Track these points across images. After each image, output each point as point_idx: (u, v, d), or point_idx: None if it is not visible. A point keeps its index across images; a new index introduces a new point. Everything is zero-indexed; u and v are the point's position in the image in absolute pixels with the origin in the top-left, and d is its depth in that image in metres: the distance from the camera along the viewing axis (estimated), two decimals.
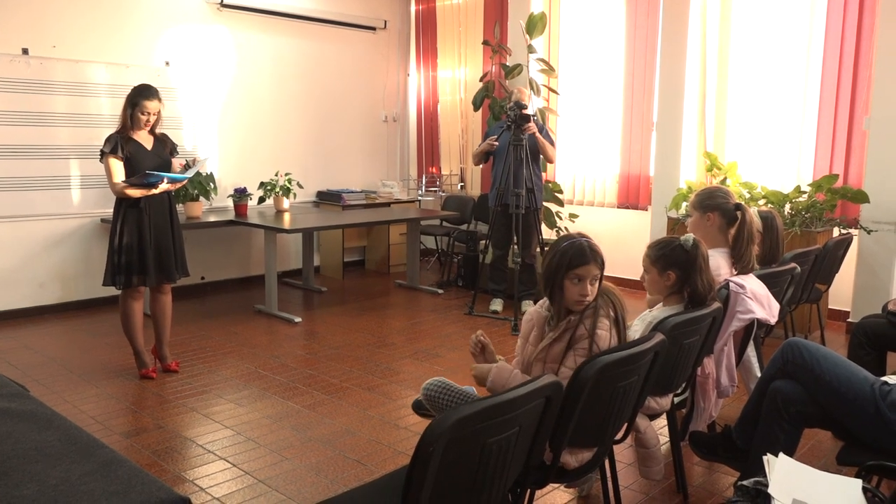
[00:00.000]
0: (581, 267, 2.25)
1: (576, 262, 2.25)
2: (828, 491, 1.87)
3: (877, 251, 5.22)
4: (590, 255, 2.27)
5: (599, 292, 2.30)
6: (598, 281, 2.30)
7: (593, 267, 2.26)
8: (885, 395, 2.26)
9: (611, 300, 2.31)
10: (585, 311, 2.27)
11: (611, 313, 2.29)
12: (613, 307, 2.30)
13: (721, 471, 3.09)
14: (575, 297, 2.25)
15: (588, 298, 2.26)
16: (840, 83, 5.49)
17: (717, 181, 5.72)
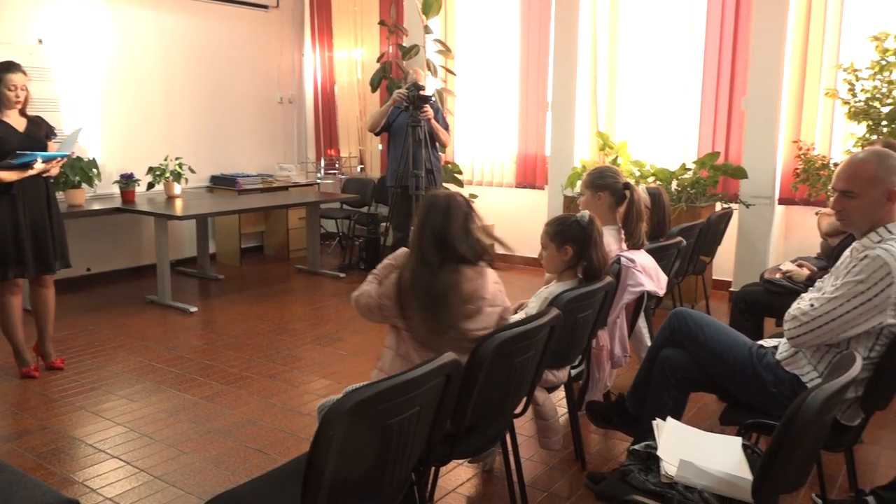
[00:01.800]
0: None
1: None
2: (712, 449, 1.99)
3: (755, 224, 5.57)
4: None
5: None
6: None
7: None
8: (762, 358, 2.42)
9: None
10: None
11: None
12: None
13: (616, 437, 3.23)
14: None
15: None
16: (720, 66, 5.78)
17: (609, 160, 5.92)
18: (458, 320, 2.21)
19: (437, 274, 2.17)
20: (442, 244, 2.22)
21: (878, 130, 4.69)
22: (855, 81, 4.77)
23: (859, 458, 3.06)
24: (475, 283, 2.25)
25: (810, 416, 1.54)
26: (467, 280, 2.22)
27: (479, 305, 2.26)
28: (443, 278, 2.17)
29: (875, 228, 2.26)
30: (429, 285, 2.17)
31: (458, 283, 2.19)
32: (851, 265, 2.25)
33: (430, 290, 2.16)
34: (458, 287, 2.19)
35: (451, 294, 2.18)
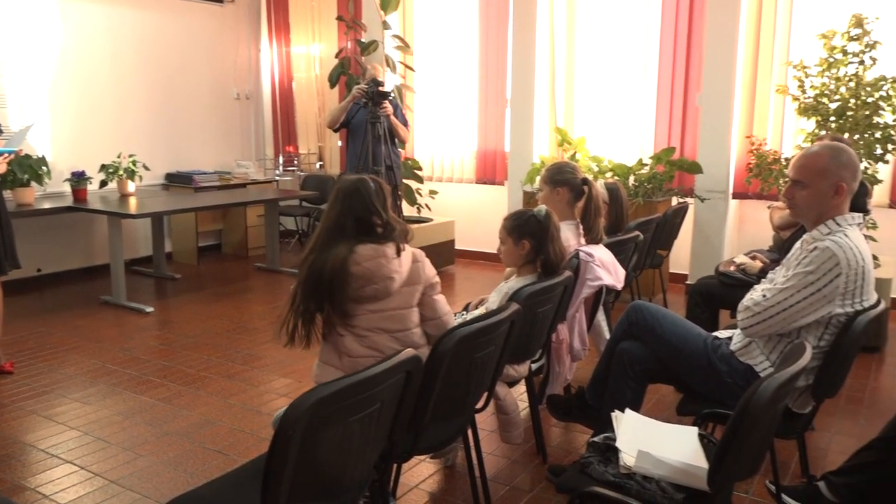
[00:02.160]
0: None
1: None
2: (669, 440, 2.02)
3: (710, 218, 5.67)
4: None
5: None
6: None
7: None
8: (716, 349, 2.47)
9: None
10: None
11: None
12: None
13: (577, 430, 3.27)
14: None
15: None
16: (675, 63, 5.88)
17: (567, 156, 5.97)
18: (361, 301, 2.20)
19: (326, 257, 2.17)
20: (338, 226, 2.22)
21: (826, 126, 4.81)
22: (804, 78, 4.89)
23: (811, 445, 3.15)
24: (375, 262, 2.19)
25: (762, 404, 1.57)
26: (365, 259, 2.18)
27: (384, 285, 2.21)
28: (330, 260, 2.16)
29: (824, 220, 2.32)
30: (318, 271, 2.17)
31: (346, 262, 2.16)
32: (802, 257, 2.31)
33: (318, 276, 2.16)
34: (345, 267, 2.15)
35: (339, 275, 2.15)
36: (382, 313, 2.24)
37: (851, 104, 4.72)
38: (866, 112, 4.68)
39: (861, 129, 4.70)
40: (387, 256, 2.21)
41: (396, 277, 2.23)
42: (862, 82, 4.71)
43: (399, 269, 2.24)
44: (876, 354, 4.38)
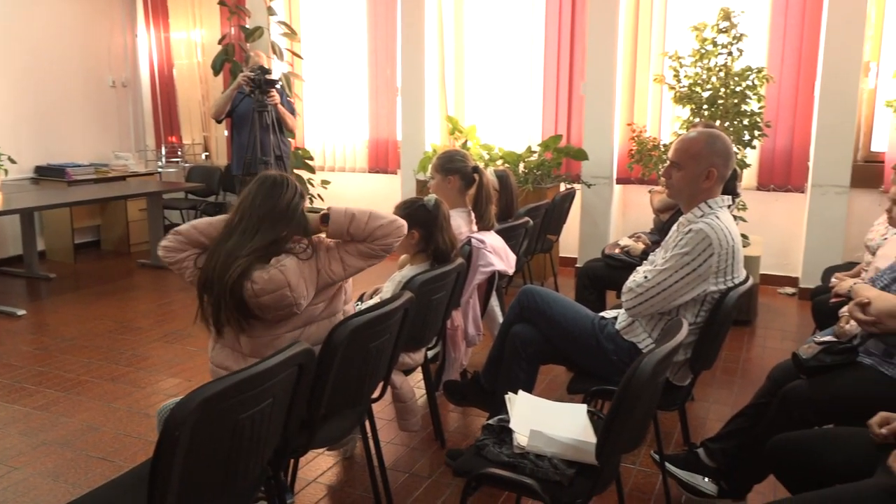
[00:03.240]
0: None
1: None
2: (560, 418, 2.09)
3: (596, 203, 5.89)
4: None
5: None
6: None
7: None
8: (603, 329, 2.57)
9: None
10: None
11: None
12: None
13: (474, 414, 3.32)
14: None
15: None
16: (560, 53, 6.04)
17: (458, 144, 6.03)
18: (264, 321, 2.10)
19: (218, 264, 2.08)
20: (251, 219, 2.13)
21: (700, 113, 5.08)
22: (679, 68, 5.13)
23: (691, 415, 3.34)
24: (275, 295, 2.04)
25: (644, 379, 1.65)
26: (263, 292, 2.03)
27: (288, 311, 2.09)
28: (222, 273, 2.05)
29: (697, 203, 2.45)
30: (209, 279, 2.08)
31: (241, 286, 2.04)
32: (678, 238, 2.43)
33: (208, 283, 2.07)
34: (239, 291, 2.03)
35: (233, 294, 2.04)
36: (293, 332, 2.13)
37: (722, 93, 5.00)
38: (735, 100, 4.97)
39: (731, 116, 4.99)
40: (290, 286, 2.02)
41: (303, 302, 2.08)
42: (730, 72, 5.00)
43: (304, 292, 2.07)
44: (748, 327, 4.70)
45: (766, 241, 5.45)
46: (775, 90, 5.39)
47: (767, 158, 5.57)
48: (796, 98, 5.42)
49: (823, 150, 5.20)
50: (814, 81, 5.31)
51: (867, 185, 5.23)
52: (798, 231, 5.51)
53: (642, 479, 2.79)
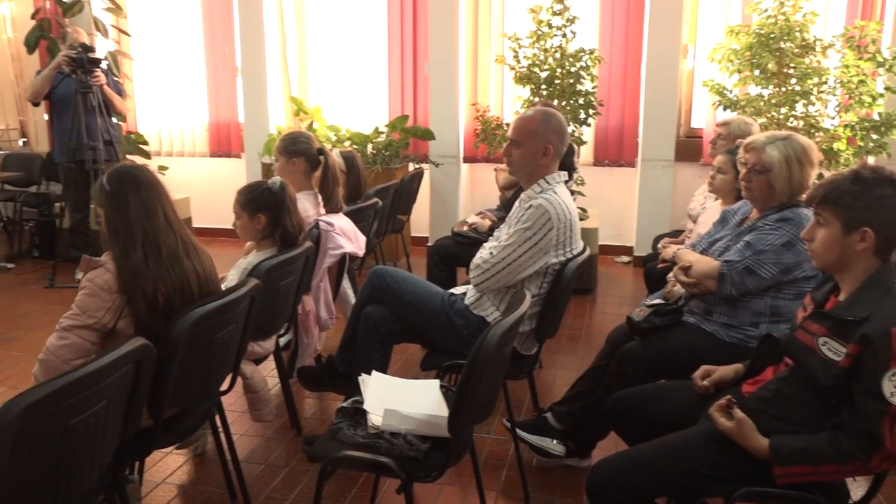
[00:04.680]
0: None
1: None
2: (414, 395, 2.12)
3: (445, 182, 5.98)
4: None
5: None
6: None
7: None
8: (452, 305, 2.63)
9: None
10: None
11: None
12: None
13: (330, 398, 3.29)
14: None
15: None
16: (403, 32, 6.05)
17: (304, 125, 5.90)
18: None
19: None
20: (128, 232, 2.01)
21: (539, 93, 5.29)
22: (518, 49, 5.31)
23: (540, 382, 3.51)
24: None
25: (491, 350, 1.70)
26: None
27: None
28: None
29: (536, 179, 2.55)
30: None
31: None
32: (520, 214, 2.53)
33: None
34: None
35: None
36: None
37: (558, 73, 5.23)
38: (570, 80, 5.22)
39: (567, 95, 5.24)
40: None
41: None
42: (565, 54, 5.24)
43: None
44: (589, 295, 4.98)
45: (603, 214, 5.78)
46: (606, 71, 5.71)
47: (601, 135, 5.90)
48: (625, 78, 5.77)
49: (650, 127, 5.59)
50: (640, 63, 5.67)
51: (689, 158, 5.68)
52: (631, 203, 5.90)
53: (496, 447, 2.90)
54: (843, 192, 1.67)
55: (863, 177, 1.67)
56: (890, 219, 1.66)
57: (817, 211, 1.73)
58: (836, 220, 1.68)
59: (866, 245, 1.67)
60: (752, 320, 2.32)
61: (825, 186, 1.71)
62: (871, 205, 1.65)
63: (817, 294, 1.85)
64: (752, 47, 4.76)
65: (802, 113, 4.85)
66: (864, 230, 1.66)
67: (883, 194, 1.65)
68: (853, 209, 1.66)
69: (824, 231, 1.71)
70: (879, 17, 5.13)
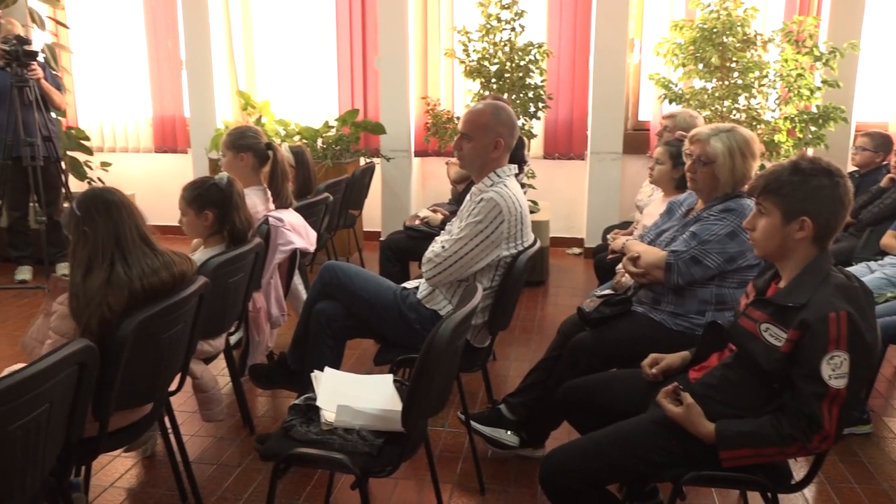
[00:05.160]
0: None
1: None
2: (367, 390, 2.11)
3: (396, 176, 5.96)
4: None
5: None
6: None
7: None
8: (405, 299, 2.63)
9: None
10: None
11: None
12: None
13: (283, 396, 3.26)
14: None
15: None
16: (352, 26, 6.00)
17: (252, 120, 5.81)
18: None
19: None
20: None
21: (489, 87, 5.31)
22: (468, 43, 5.31)
23: (494, 374, 3.53)
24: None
25: (443, 344, 1.71)
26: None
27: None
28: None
29: (487, 172, 2.57)
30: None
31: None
32: (472, 208, 2.53)
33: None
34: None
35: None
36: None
37: (508, 67, 5.25)
38: (520, 74, 5.25)
39: (517, 89, 5.27)
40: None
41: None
42: (514, 47, 5.26)
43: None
44: (541, 287, 5.03)
45: (554, 206, 5.84)
46: (555, 65, 5.76)
47: (551, 129, 5.96)
48: (573, 72, 5.83)
49: (599, 120, 5.66)
50: (588, 57, 5.73)
51: (637, 151, 5.77)
52: (581, 195, 5.98)
53: (451, 440, 2.91)
54: (784, 183, 1.72)
55: (801, 168, 1.73)
56: (827, 208, 1.71)
57: (759, 201, 1.78)
58: (777, 210, 1.73)
59: (805, 234, 1.72)
60: (699, 308, 2.38)
61: (766, 177, 1.76)
62: (810, 195, 1.71)
63: (759, 282, 1.91)
64: (696, 42, 4.86)
65: (745, 106, 4.98)
66: (802, 219, 1.71)
67: (820, 185, 1.71)
68: (793, 199, 1.71)
69: (765, 220, 1.76)
70: (816, 13, 5.28)
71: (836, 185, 1.71)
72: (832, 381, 1.60)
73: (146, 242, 2.00)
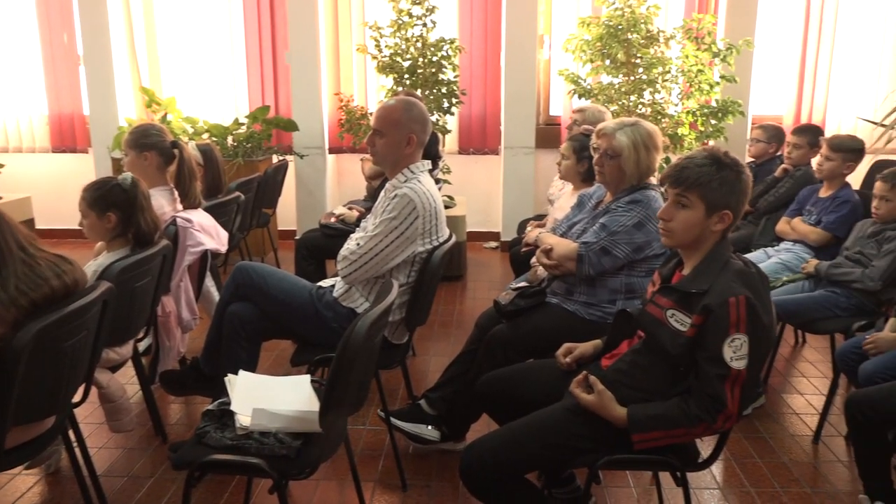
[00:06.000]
0: None
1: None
2: (284, 392, 2.07)
3: (310, 173, 5.88)
4: None
5: None
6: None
7: None
8: (321, 298, 2.59)
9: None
10: None
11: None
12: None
13: (197, 402, 3.16)
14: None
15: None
16: (260, 19, 5.86)
17: (158, 117, 5.60)
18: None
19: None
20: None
21: (402, 83, 5.30)
22: (379, 38, 5.29)
23: (414, 370, 3.54)
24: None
25: (359, 341, 1.69)
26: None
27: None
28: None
29: (400, 168, 2.56)
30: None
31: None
32: (386, 204, 2.52)
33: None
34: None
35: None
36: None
37: (420, 63, 5.26)
38: (433, 70, 5.27)
39: (430, 85, 5.28)
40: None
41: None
42: (427, 43, 5.27)
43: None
44: (460, 282, 5.07)
45: (470, 201, 5.89)
46: (468, 60, 5.80)
47: (465, 124, 6.00)
48: (486, 68, 5.89)
49: (511, 116, 5.74)
50: (499, 52, 5.80)
51: (549, 145, 5.88)
52: (496, 190, 6.05)
53: (372, 438, 2.90)
54: (712, 178, 1.78)
55: (725, 163, 1.79)
56: (740, 201, 1.81)
57: (682, 193, 1.81)
58: (702, 203, 1.79)
59: (723, 225, 1.80)
60: (610, 298, 2.45)
61: (691, 170, 1.80)
62: (732, 189, 1.78)
63: (664, 270, 1.98)
64: (603, 38, 5.00)
65: (650, 100, 5.15)
66: (724, 212, 1.79)
67: (738, 178, 1.79)
68: (718, 193, 1.78)
69: (687, 213, 1.81)
70: (714, 11, 5.52)
71: (747, 178, 1.81)
72: (733, 363, 1.68)
73: (26, 253, 1.87)
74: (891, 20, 5.59)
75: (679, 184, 1.81)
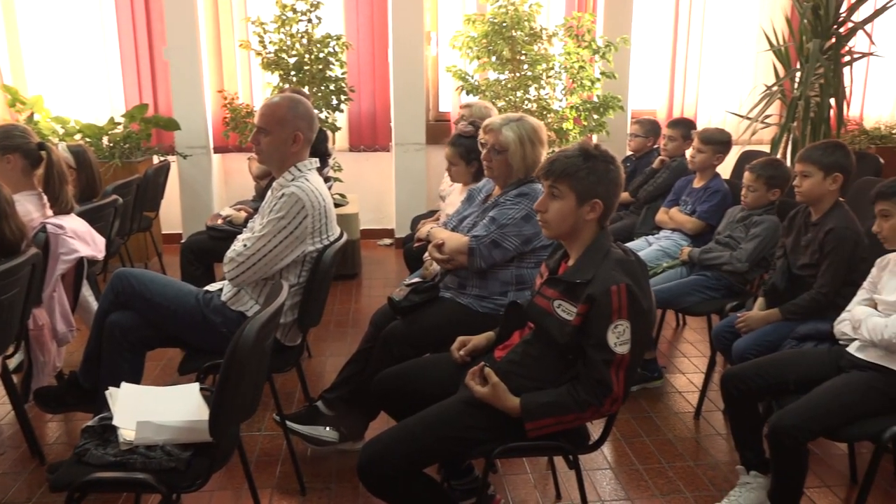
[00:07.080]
0: None
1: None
2: (171, 402, 1.99)
3: (195, 174, 5.66)
4: None
5: None
6: None
7: None
8: (208, 302, 2.50)
9: None
10: None
11: None
12: None
13: (77, 419, 2.98)
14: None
15: None
16: (134, 14, 5.57)
17: (23, 118, 5.23)
18: None
19: None
20: None
21: (288, 80, 5.18)
22: (263, 34, 5.15)
23: (311, 371, 3.49)
24: None
25: (248, 346, 1.64)
26: None
27: None
28: None
29: (287, 167, 2.50)
30: None
31: None
32: (273, 204, 2.46)
33: None
34: None
35: None
36: None
37: (307, 59, 5.16)
38: (319, 66, 5.18)
39: (317, 82, 5.20)
40: None
41: None
42: (312, 39, 5.18)
43: None
44: (354, 280, 5.03)
45: (363, 199, 5.85)
46: (355, 57, 5.75)
47: (355, 121, 5.95)
48: (374, 64, 5.86)
49: (401, 112, 5.75)
50: (387, 49, 5.78)
51: (439, 141, 5.90)
52: (389, 186, 6.03)
53: (268, 443, 2.83)
54: (579, 168, 1.85)
55: (592, 154, 1.87)
56: (611, 191, 1.89)
57: (553, 184, 1.88)
58: (572, 193, 1.86)
59: (595, 214, 1.87)
60: (501, 290, 2.50)
61: (559, 162, 1.87)
62: (600, 179, 1.86)
63: (551, 262, 2.04)
64: (488, 35, 5.08)
65: (535, 96, 5.28)
66: (595, 201, 1.85)
67: (607, 169, 1.87)
68: (587, 182, 1.85)
69: (560, 203, 1.88)
70: (592, 9, 5.73)
71: (616, 169, 1.89)
72: (617, 348, 1.76)
73: None
74: (754, 20, 5.99)
75: (550, 175, 1.89)
